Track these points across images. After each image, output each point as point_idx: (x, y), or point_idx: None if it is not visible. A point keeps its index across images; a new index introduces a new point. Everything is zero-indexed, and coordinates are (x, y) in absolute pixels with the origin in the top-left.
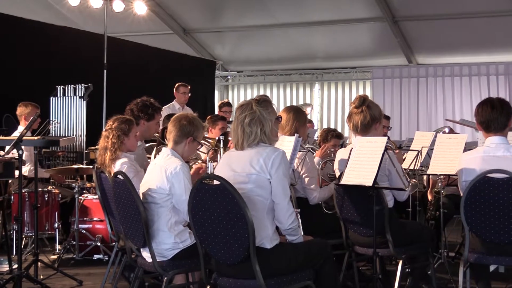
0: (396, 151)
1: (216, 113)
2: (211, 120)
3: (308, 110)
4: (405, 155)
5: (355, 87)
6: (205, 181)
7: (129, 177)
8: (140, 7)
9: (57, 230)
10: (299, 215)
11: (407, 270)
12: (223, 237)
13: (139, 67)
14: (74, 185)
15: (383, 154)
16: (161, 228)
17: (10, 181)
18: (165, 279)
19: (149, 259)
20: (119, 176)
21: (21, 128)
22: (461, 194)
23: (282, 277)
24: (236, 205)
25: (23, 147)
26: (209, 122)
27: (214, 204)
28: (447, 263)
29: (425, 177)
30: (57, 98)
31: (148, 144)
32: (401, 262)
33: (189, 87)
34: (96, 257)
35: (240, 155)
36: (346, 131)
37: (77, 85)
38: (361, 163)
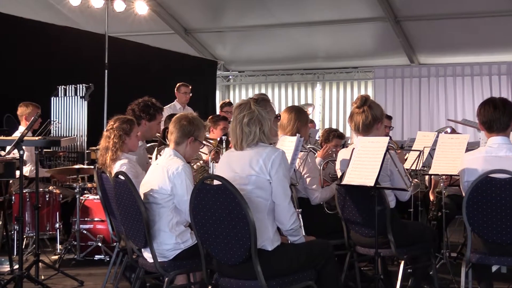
0: (398, 151)
1: (217, 113)
2: (213, 120)
3: (309, 110)
4: (407, 155)
5: (357, 87)
6: (206, 181)
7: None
8: (141, 7)
9: (58, 230)
10: (300, 215)
11: (409, 270)
12: (225, 238)
13: (140, 67)
14: (75, 185)
15: (385, 154)
16: (162, 228)
17: (11, 181)
18: (166, 279)
19: (150, 260)
20: (120, 176)
21: (22, 128)
22: (463, 194)
23: (283, 278)
24: (237, 206)
25: (24, 147)
26: (211, 122)
27: (215, 204)
28: (449, 263)
29: (427, 177)
30: (58, 98)
31: (149, 144)
32: (403, 262)
33: (190, 87)
34: (97, 257)
35: (239, 155)
36: (347, 131)
37: (78, 85)
38: (362, 163)
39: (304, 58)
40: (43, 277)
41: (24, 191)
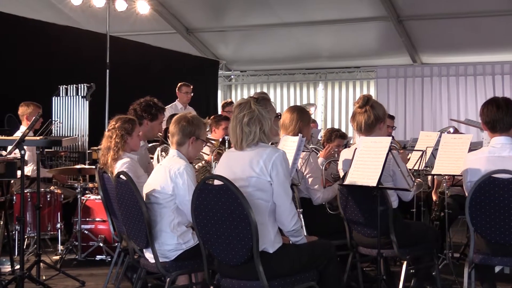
0: (400, 151)
1: (219, 113)
2: (215, 120)
3: (311, 110)
4: (410, 155)
5: (359, 86)
6: (208, 182)
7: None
8: (143, 7)
9: (59, 230)
10: (301, 215)
11: (412, 271)
12: (226, 238)
13: (141, 66)
14: (76, 185)
15: (387, 154)
16: (164, 228)
17: (12, 181)
18: (168, 280)
19: (152, 260)
20: (122, 176)
21: (23, 128)
22: (466, 194)
23: (285, 278)
24: (239, 206)
25: (25, 147)
26: (213, 122)
27: (217, 204)
28: (452, 264)
29: (430, 177)
30: (59, 98)
31: (151, 144)
32: (405, 263)
33: (191, 87)
34: (98, 257)
35: (239, 156)
36: (350, 131)
37: (79, 85)
38: (365, 163)
39: (306, 57)
40: (44, 278)
41: (25, 191)
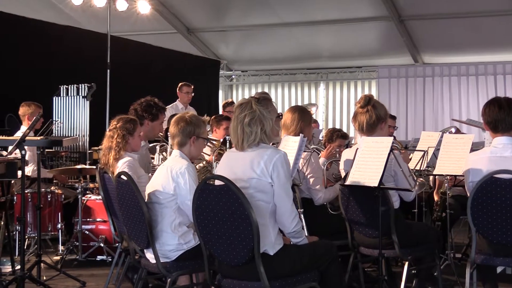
0: (402, 151)
1: (220, 113)
2: (216, 120)
3: (313, 110)
4: (411, 155)
5: (361, 86)
6: (209, 182)
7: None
8: (143, 6)
9: (60, 231)
10: (302, 216)
11: (413, 271)
12: (227, 238)
13: (142, 66)
14: (77, 185)
15: (389, 154)
16: (165, 229)
17: (12, 182)
18: (168, 280)
19: (152, 260)
20: (123, 176)
21: (23, 128)
22: (468, 194)
23: (286, 279)
24: (240, 206)
25: (26, 147)
26: (214, 122)
27: (218, 204)
28: (453, 264)
29: (431, 177)
30: (60, 98)
31: (152, 144)
32: (407, 263)
33: (192, 87)
34: (99, 258)
35: (240, 157)
36: (351, 131)
37: (80, 85)
38: (366, 163)
39: (307, 57)
40: (45, 278)
41: (26, 192)
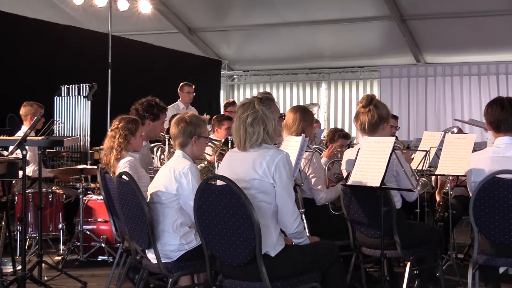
0: (404, 151)
1: (221, 113)
2: (217, 120)
3: (314, 110)
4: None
5: (363, 86)
6: (211, 182)
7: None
8: (145, 6)
9: (61, 231)
10: (303, 216)
11: (415, 272)
12: (229, 239)
13: (144, 66)
14: (78, 185)
15: (391, 154)
16: (167, 229)
17: (14, 182)
18: (170, 280)
19: (154, 261)
20: (124, 176)
21: (25, 128)
22: (470, 195)
23: (288, 279)
24: (242, 206)
25: (27, 147)
26: (215, 122)
27: (219, 205)
28: (455, 265)
29: (434, 177)
30: (61, 97)
31: (153, 144)
32: (409, 263)
33: (193, 87)
34: (100, 258)
35: (242, 157)
36: (353, 131)
37: (81, 85)
38: (368, 163)
39: (309, 57)
40: (46, 278)
41: (27, 192)
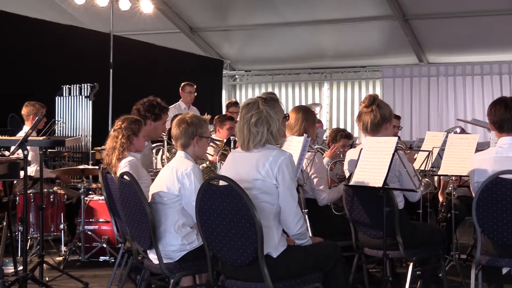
0: (407, 151)
1: (223, 113)
2: (219, 120)
3: (317, 110)
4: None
5: (365, 86)
6: (213, 182)
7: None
8: (146, 6)
9: (62, 231)
10: (307, 216)
11: (418, 272)
12: (231, 239)
13: (145, 66)
14: (79, 186)
15: (394, 154)
16: (168, 229)
17: (15, 182)
18: (172, 281)
19: (155, 261)
20: (125, 176)
21: (26, 128)
22: (473, 195)
23: (290, 280)
24: (244, 207)
25: (28, 148)
26: (217, 122)
27: (221, 205)
28: (458, 265)
29: (436, 178)
30: (62, 97)
31: (155, 144)
32: (411, 264)
33: (195, 87)
34: (102, 258)
35: (245, 157)
36: (355, 131)
37: (82, 85)
38: (371, 163)
39: (311, 57)
40: (47, 279)
41: (28, 192)
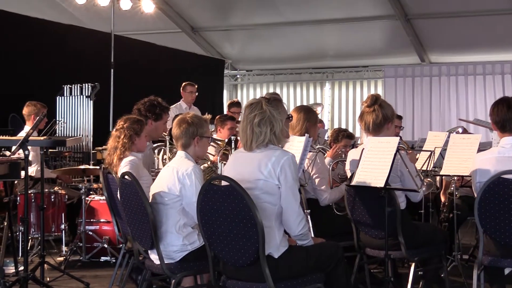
0: (409, 151)
1: (225, 112)
2: (220, 120)
3: (318, 109)
4: (418, 155)
5: (367, 86)
6: (214, 182)
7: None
8: (147, 5)
9: (63, 231)
10: (309, 216)
11: (420, 273)
12: (232, 239)
13: (146, 66)
14: (80, 186)
15: (395, 154)
16: (169, 229)
17: (16, 182)
18: (173, 281)
19: (157, 261)
20: (127, 176)
21: (27, 128)
22: (475, 195)
23: (292, 281)
24: (245, 207)
25: (29, 147)
26: (218, 122)
27: (223, 205)
28: (460, 266)
29: (438, 178)
30: (63, 97)
31: (155, 144)
32: (413, 264)
33: (196, 86)
34: (103, 259)
35: (248, 157)
36: (357, 131)
37: (83, 85)
38: (372, 163)
39: (313, 57)
40: (48, 279)
41: (29, 192)
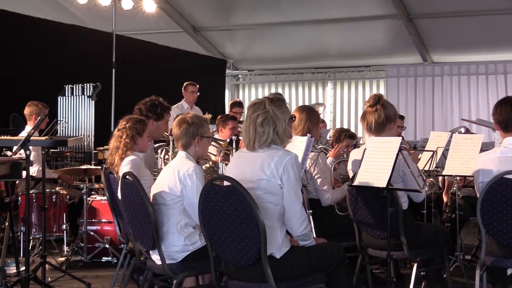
0: (411, 151)
1: (227, 112)
2: (221, 119)
3: (320, 109)
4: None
5: (369, 86)
6: (216, 182)
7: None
8: (149, 5)
9: (65, 231)
10: (311, 217)
11: (422, 273)
12: (234, 239)
13: (148, 66)
14: (82, 186)
15: (397, 154)
16: (171, 230)
17: (17, 182)
18: (174, 281)
19: (158, 262)
20: (128, 177)
21: (28, 128)
22: (478, 195)
23: (294, 281)
24: (247, 207)
25: (30, 148)
26: (219, 122)
27: (224, 205)
28: (463, 266)
29: (441, 178)
30: (65, 97)
31: (157, 144)
32: (415, 265)
33: (197, 86)
34: (104, 259)
35: (250, 157)
36: (359, 131)
37: (85, 84)
38: (374, 163)
39: (315, 56)
40: (49, 279)
41: (30, 192)
